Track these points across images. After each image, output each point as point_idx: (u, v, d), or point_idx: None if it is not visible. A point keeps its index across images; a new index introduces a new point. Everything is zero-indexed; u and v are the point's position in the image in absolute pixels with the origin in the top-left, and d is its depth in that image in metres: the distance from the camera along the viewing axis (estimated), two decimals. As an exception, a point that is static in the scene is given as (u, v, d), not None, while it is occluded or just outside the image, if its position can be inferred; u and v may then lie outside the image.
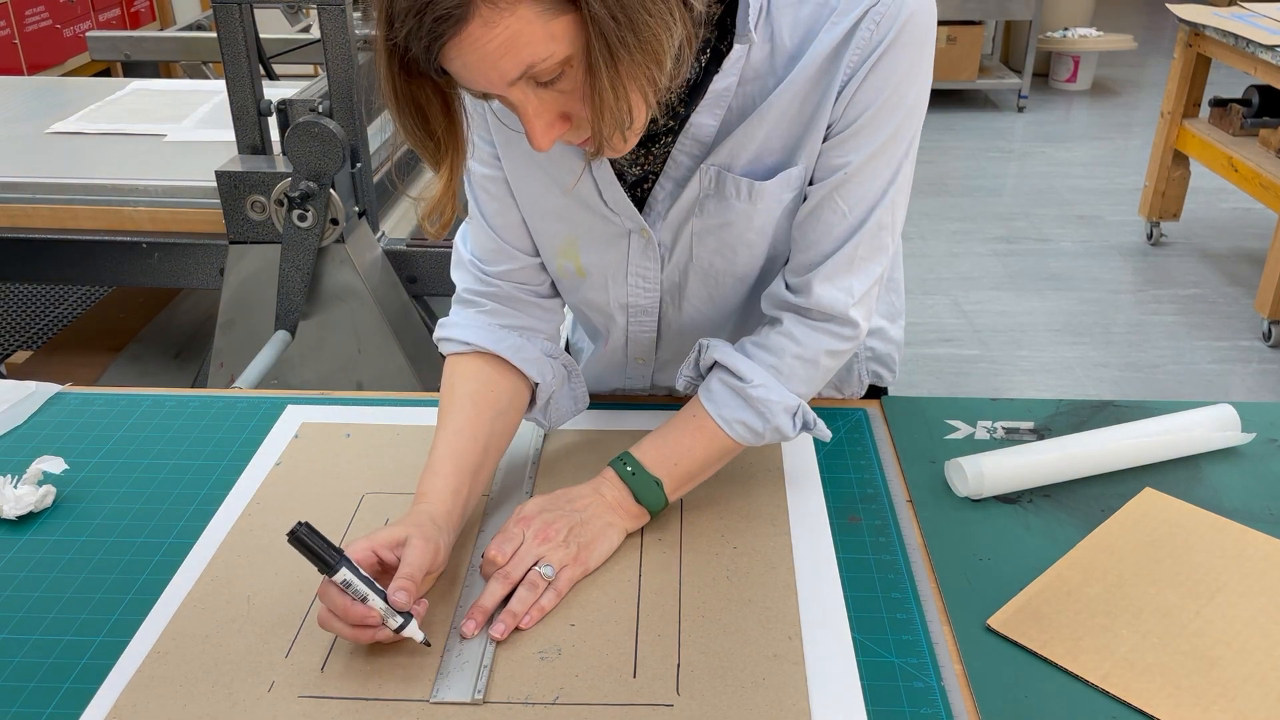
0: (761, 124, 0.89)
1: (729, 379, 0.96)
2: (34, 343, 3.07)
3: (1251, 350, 3.20)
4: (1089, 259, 3.82)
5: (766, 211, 0.94)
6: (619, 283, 1.03)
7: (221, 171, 1.76)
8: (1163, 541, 0.95)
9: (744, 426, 0.96)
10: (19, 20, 4.16)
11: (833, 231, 0.93)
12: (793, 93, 0.87)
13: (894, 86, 0.86)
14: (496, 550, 0.90)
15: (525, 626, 0.87)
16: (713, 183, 0.92)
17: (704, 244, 0.97)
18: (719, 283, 1.01)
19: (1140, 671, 0.81)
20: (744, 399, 0.95)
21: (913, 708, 0.79)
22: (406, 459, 1.09)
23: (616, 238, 0.99)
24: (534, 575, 0.89)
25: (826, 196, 0.91)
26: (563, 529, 0.92)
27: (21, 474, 1.04)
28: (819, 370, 0.97)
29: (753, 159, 0.91)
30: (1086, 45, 5.67)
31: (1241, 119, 3.47)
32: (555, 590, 0.90)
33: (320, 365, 1.87)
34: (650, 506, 0.97)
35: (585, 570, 0.92)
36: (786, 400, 0.95)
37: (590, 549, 0.93)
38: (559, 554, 0.91)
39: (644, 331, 1.08)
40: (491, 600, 0.88)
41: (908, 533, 0.98)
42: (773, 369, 0.96)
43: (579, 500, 0.96)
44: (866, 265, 0.94)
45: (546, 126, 0.78)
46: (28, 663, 0.84)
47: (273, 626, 0.87)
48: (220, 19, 1.71)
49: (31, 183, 1.95)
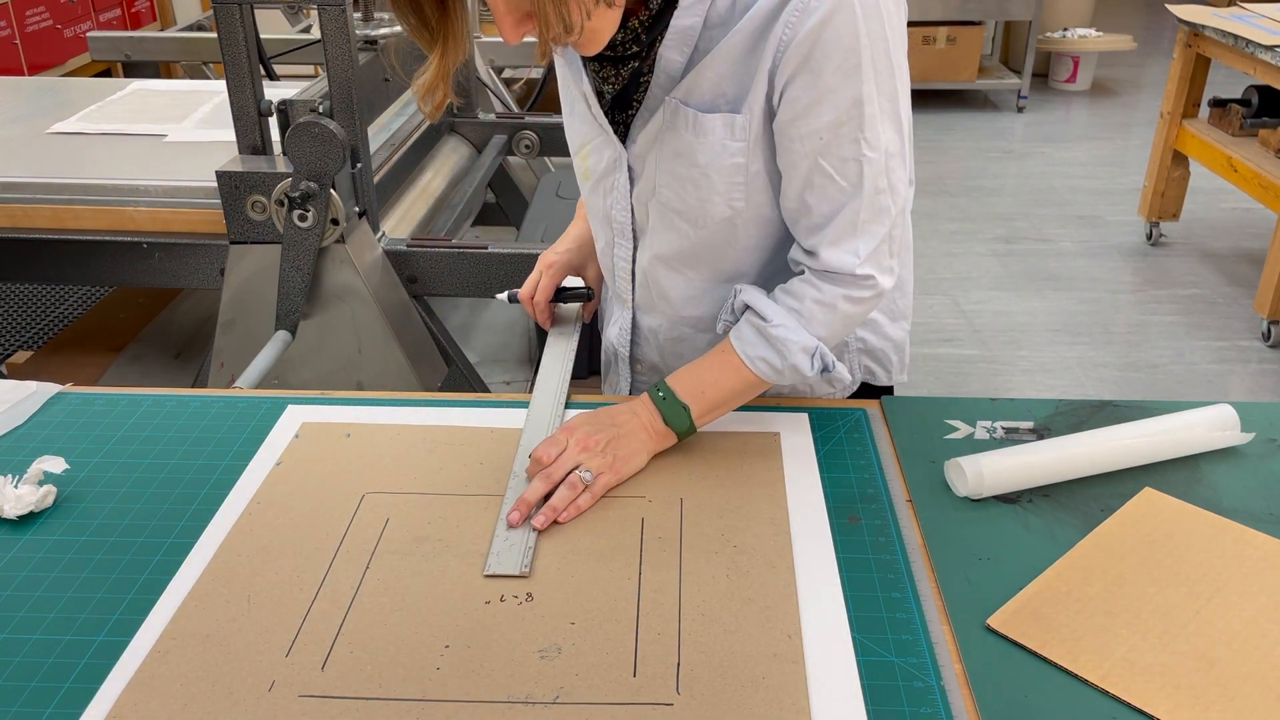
0: (713, 65, 0.98)
1: (753, 318, 1.06)
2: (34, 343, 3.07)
3: (1251, 350, 3.20)
4: (1089, 259, 3.82)
5: (710, 149, 1.01)
6: (607, 191, 1.14)
7: (222, 172, 1.76)
8: (1162, 541, 0.95)
9: (765, 363, 1.05)
10: (19, 20, 4.16)
11: (827, 194, 1.00)
12: (738, 40, 0.96)
13: (844, 51, 0.92)
14: (543, 451, 1.03)
15: (563, 520, 0.99)
16: (671, 115, 1.02)
17: (661, 174, 1.06)
18: (672, 224, 1.09)
19: (1140, 671, 0.81)
20: (765, 337, 1.04)
21: (912, 707, 0.79)
22: (406, 459, 1.09)
23: (611, 149, 1.10)
24: (574, 477, 1.01)
25: (813, 165, 0.99)
26: (602, 440, 1.04)
27: (22, 474, 1.04)
28: (838, 315, 1.04)
29: (707, 99, 1.00)
30: (1086, 45, 5.67)
31: (1241, 119, 3.47)
32: (591, 493, 1.01)
33: (320, 365, 1.87)
34: (676, 429, 1.07)
35: (619, 479, 1.04)
36: (804, 341, 1.04)
37: (625, 461, 1.04)
38: (597, 461, 1.02)
39: (623, 259, 1.18)
40: (534, 495, 1.00)
41: (908, 533, 0.98)
42: (794, 311, 1.04)
43: (618, 417, 1.07)
44: (870, 227, 1.01)
45: (514, 24, 0.89)
46: (28, 663, 0.85)
47: (273, 626, 0.87)
48: (220, 19, 1.71)
49: (32, 183, 1.95)
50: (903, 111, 0.99)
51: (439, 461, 1.09)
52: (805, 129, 0.97)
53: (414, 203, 2.23)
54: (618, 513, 1.01)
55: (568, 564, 0.94)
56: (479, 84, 2.62)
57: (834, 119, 0.95)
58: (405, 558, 0.95)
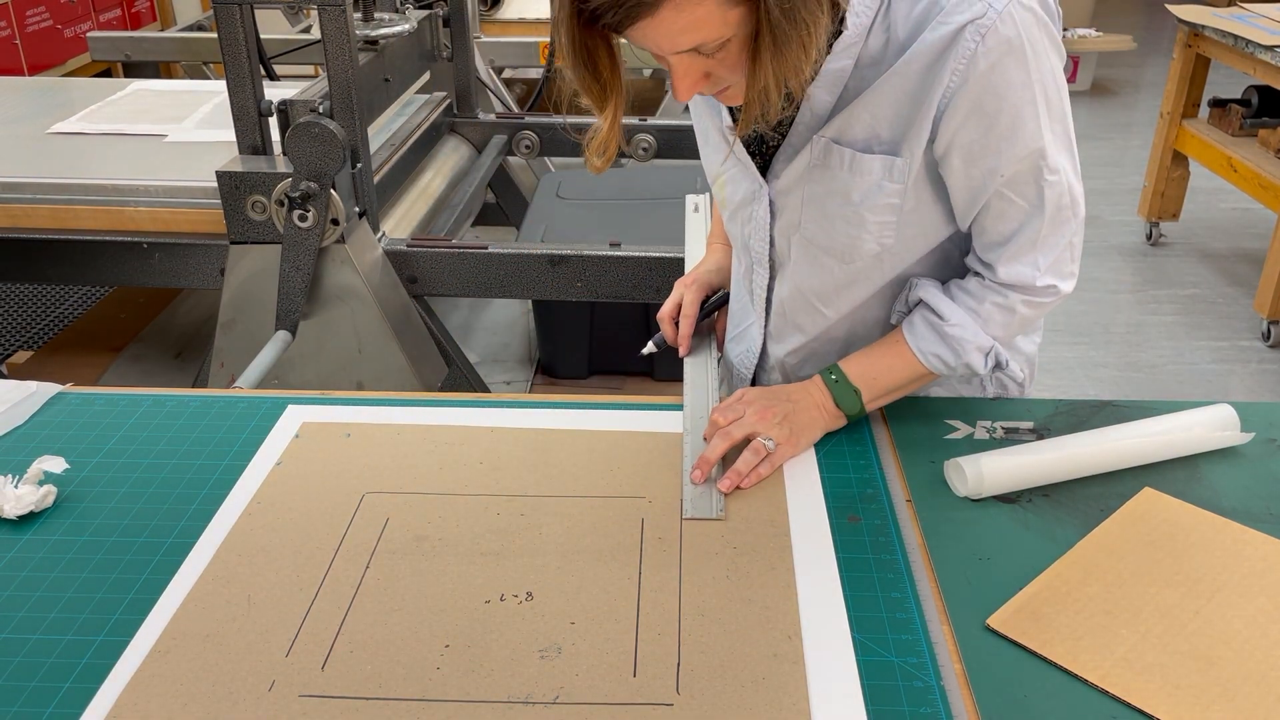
0: (867, 105, 0.98)
1: (929, 315, 1.07)
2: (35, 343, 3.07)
3: (1251, 350, 3.20)
4: (1089, 259, 3.82)
5: (865, 189, 1.01)
6: (745, 220, 1.14)
7: (222, 172, 1.76)
8: (1162, 541, 0.95)
9: (938, 359, 1.07)
10: (20, 20, 4.16)
11: (1008, 216, 1.00)
12: (897, 82, 0.95)
13: (1018, 92, 0.92)
14: (721, 414, 1.07)
15: (746, 486, 1.03)
16: (822, 153, 1.02)
17: (808, 211, 1.06)
18: (818, 259, 1.10)
19: (1139, 671, 0.81)
20: (940, 335, 1.06)
21: (912, 707, 0.79)
22: (406, 459, 1.09)
23: (749, 182, 1.10)
24: (758, 444, 1.04)
25: (995, 194, 0.99)
26: (780, 412, 1.07)
27: (22, 474, 1.04)
28: (1016, 317, 1.05)
29: (860, 139, 1.00)
30: (1086, 45, 5.67)
31: (1241, 119, 3.47)
32: (770, 462, 1.04)
33: (320, 365, 1.87)
34: (847, 411, 1.10)
35: (796, 451, 1.07)
36: (980, 340, 1.05)
37: (802, 433, 1.08)
38: (777, 431, 1.05)
39: (760, 286, 1.18)
40: (714, 453, 1.04)
41: (907, 533, 0.98)
42: (971, 311, 1.05)
43: (794, 394, 1.10)
44: (1050, 240, 1.01)
45: (692, 84, 0.91)
46: (28, 662, 0.85)
47: (273, 626, 0.87)
48: (221, 19, 1.71)
49: (32, 183, 1.95)
50: (1071, 126, 0.99)
51: (439, 461, 1.09)
52: (984, 167, 0.97)
53: (414, 203, 2.24)
54: (618, 513, 1.01)
55: (568, 564, 0.94)
56: (479, 84, 2.62)
57: (1013, 157, 0.95)
58: (405, 558, 0.95)
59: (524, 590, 0.91)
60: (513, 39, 3.29)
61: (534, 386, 2.57)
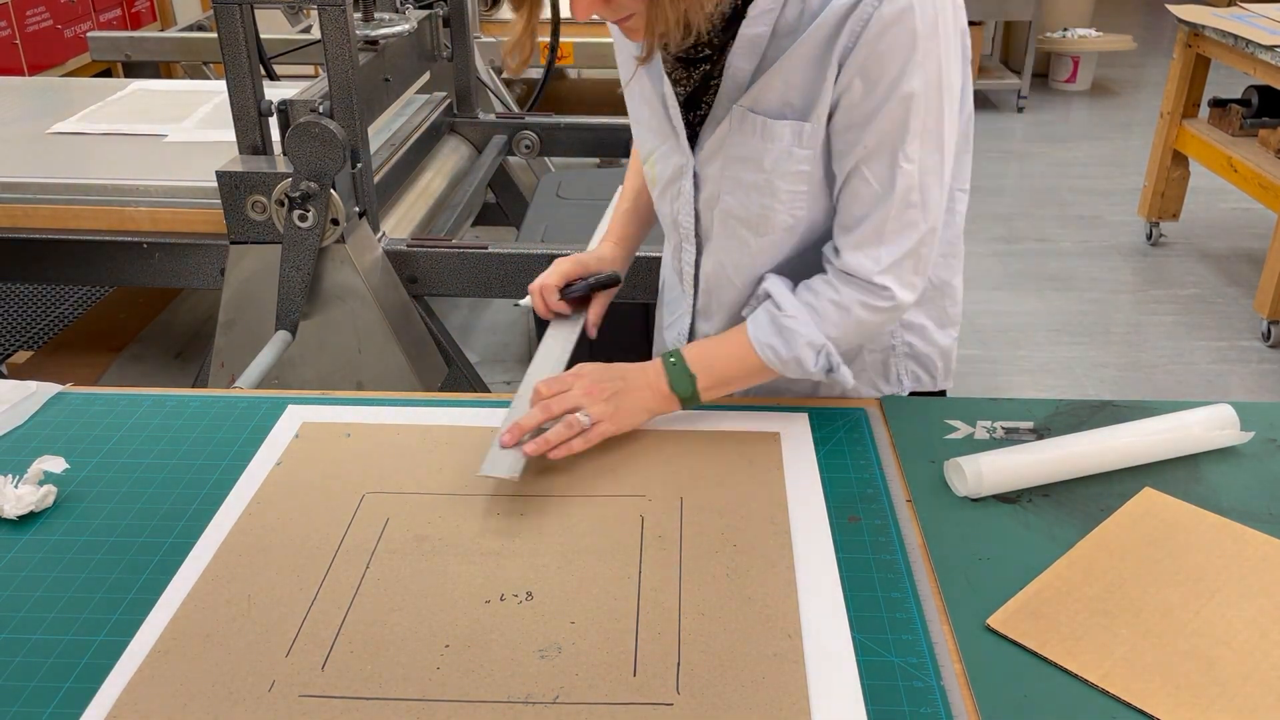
0: (780, 73, 0.99)
1: (770, 306, 1.08)
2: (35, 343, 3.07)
3: (1250, 350, 3.20)
4: (1089, 259, 3.82)
5: (776, 156, 1.02)
6: (674, 197, 1.15)
7: (222, 172, 1.76)
8: (1162, 541, 0.95)
9: (770, 350, 1.07)
10: (20, 20, 4.16)
11: (861, 196, 1.01)
12: (805, 50, 0.97)
13: (898, 68, 0.94)
14: (545, 385, 1.07)
15: (553, 457, 1.03)
16: (739, 121, 1.03)
17: (726, 182, 1.07)
18: (735, 233, 1.10)
19: (1139, 671, 0.81)
20: (777, 326, 1.07)
21: (912, 707, 0.79)
22: (406, 459, 1.09)
23: (678, 156, 1.11)
24: (572, 418, 1.04)
25: (854, 168, 1.01)
26: (607, 389, 1.07)
27: (22, 474, 1.04)
28: (852, 319, 1.05)
29: (775, 106, 1.01)
30: (1086, 45, 5.67)
31: (1241, 119, 3.47)
32: (586, 438, 1.04)
33: (320, 365, 1.87)
34: (680, 395, 1.10)
35: (617, 429, 1.07)
36: (812, 336, 1.05)
37: (626, 414, 1.08)
38: (599, 407, 1.05)
39: (688, 264, 1.18)
40: (530, 421, 1.04)
41: (907, 533, 0.98)
42: (809, 306, 1.06)
43: (628, 373, 1.10)
44: (896, 238, 1.02)
45: (589, 2, 0.90)
46: (28, 663, 0.85)
47: (273, 626, 0.87)
48: (220, 19, 1.71)
49: (32, 183, 1.95)
50: (948, 134, 1.00)
51: (439, 461, 1.09)
52: (854, 137, 0.99)
53: (414, 203, 2.24)
54: (618, 512, 1.01)
55: (568, 563, 0.94)
56: (479, 84, 2.62)
57: (879, 129, 0.97)
58: (405, 558, 0.95)
59: (524, 590, 0.91)
60: (513, 39, 3.29)
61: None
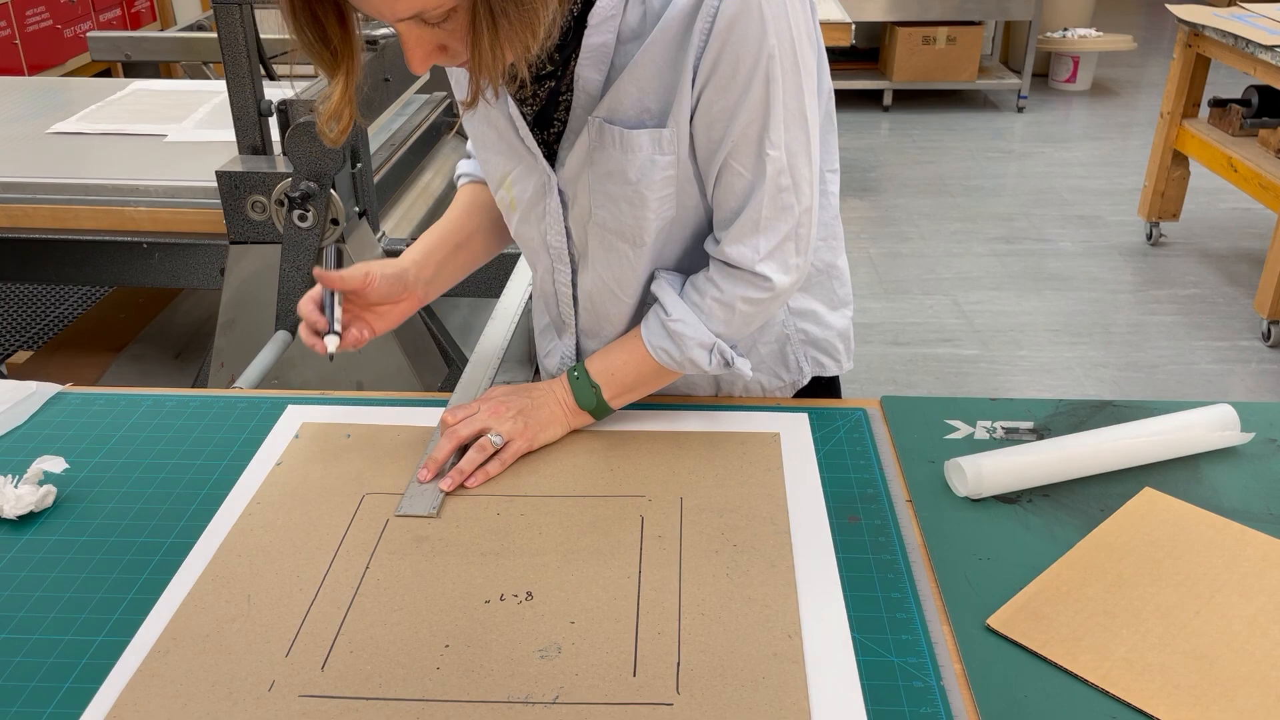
0: (633, 79, 0.96)
1: (658, 309, 1.08)
2: (34, 343, 3.07)
3: (1251, 350, 3.20)
4: (1089, 259, 3.82)
5: (640, 166, 1.00)
6: (539, 218, 1.11)
7: (222, 172, 1.76)
8: (1162, 541, 0.95)
9: (664, 353, 1.07)
10: (19, 20, 4.16)
11: (734, 189, 1.01)
12: (655, 52, 0.94)
13: (752, 55, 0.92)
14: (449, 413, 1.07)
15: (470, 485, 1.02)
16: (598, 134, 1.00)
17: (596, 196, 1.04)
18: (613, 246, 1.08)
19: (1140, 671, 0.81)
20: (665, 329, 1.07)
21: (912, 707, 0.79)
22: (407, 459, 1.09)
23: (537, 175, 1.08)
24: (483, 440, 1.04)
25: (724, 162, 0.99)
26: (515, 407, 1.07)
27: (22, 474, 1.04)
28: (736, 314, 1.05)
29: (632, 115, 0.98)
30: (1086, 45, 5.67)
31: (1241, 119, 3.47)
32: (501, 459, 1.04)
33: (320, 365, 1.87)
34: (587, 407, 1.10)
35: (531, 445, 1.07)
36: (701, 336, 1.06)
37: (539, 428, 1.07)
38: (508, 425, 1.05)
39: (564, 284, 1.15)
40: (441, 453, 1.04)
41: (908, 533, 0.98)
42: (695, 306, 1.06)
43: (534, 391, 1.10)
44: (772, 224, 1.01)
45: (425, 55, 0.88)
46: (28, 663, 0.85)
47: (273, 626, 0.87)
48: (220, 19, 1.71)
49: (32, 183, 1.95)
50: (810, 111, 0.98)
51: (439, 461, 1.09)
52: (718, 133, 0.97)
53: (414, 203, 2.24)
54: (617, 512, 1.01)
55: (568, 563, 0.94)
56: (479, 84, 2.62)
57: (743, 121, 0.96)
58: (405, 558, 0.95)
59: (524, 590, 0.91)
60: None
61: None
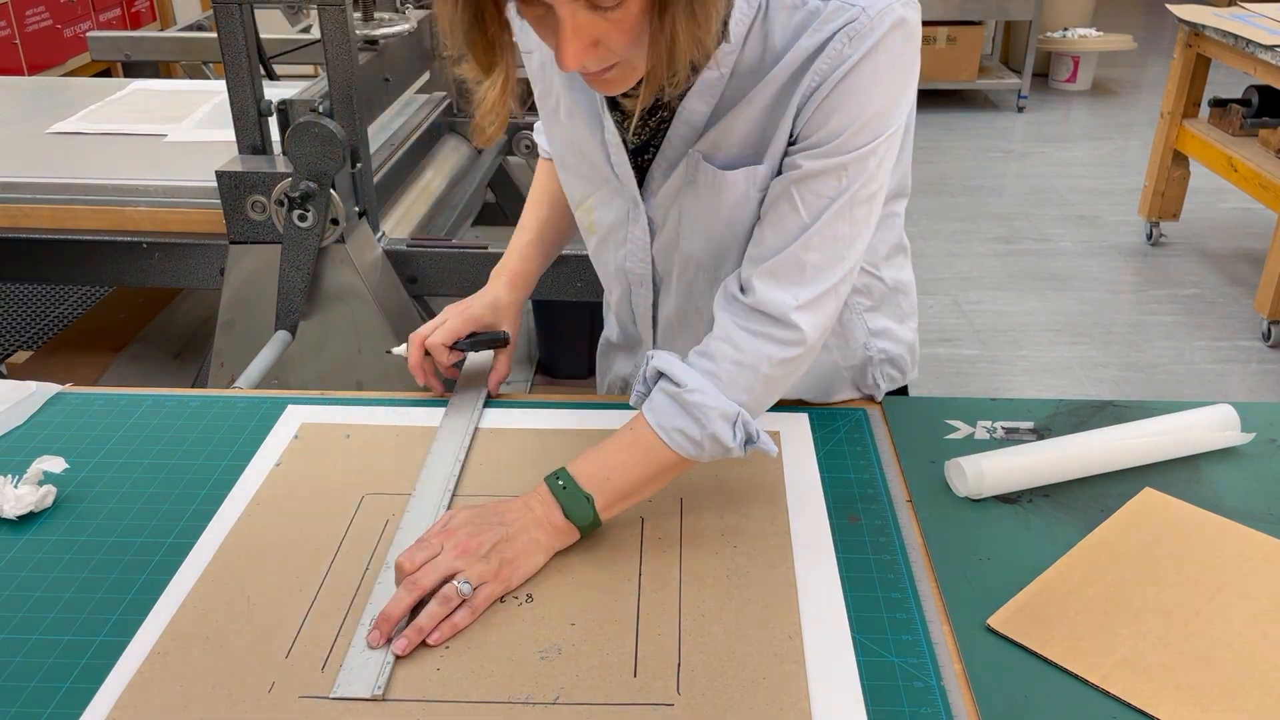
0: (741, 116, 0.93)
1: (667, 385, 0.94)
2: (34, 343, 3.07)
3: (1251, 350, 3.20)
4: (1089, 259, 3.82)
5: (733, 205, 0.97)
6: (620, 243, 1.09)
7: (222, 171, 1.76)
8: (1163, 541, 0.95)
9: (681, 435, 0.93)
10: (19, 20, 4.16)
11: (784, 224, 0.93)
12: (768, 92, 0.92)
13: (856, 101, 0.89)
14: (406, 559, 0.88)
15: (433, 643, 0.84)
16: (694, 169, 0.97)
17: (684, 228, 1.02)
18: (698, 275, 1.06)
19: (1140, 671, 0.81)
20: (680, 405, 0.93)
21: (913, 708, 0.79)
22: (406, 459, 1.09)
23: (621, 202, 1.05)
24: (449, 589, 0.86)
25: (783, 191, 0.93)
26: (486, 543, 0.89)
27: (22, 474, 1.04)
28: (760, 378, 0.93)
29: (734, 152, 0.95)
30: (1086, 45, 5.67)
31: (1241, 119, 3.47)
32: (471, 608, 0.86)
33: (320, 365, 1.87)
34: (578, 523, 0.93)
35: (506, 588, 0.89)
36: (724, 407, 0.92)
37: (513, 565, 0.90)
38: (479, 568, 0.87)
39: (643, 306, 1.13)
40: (397, 609, 0.84)
41: (908, 533, 0.98)
42: (710, 375, 0.93)
43: (508, 514, 0.92)
44: (819, 274, 0.93)
45: (580, 48, 0.81)
46: (28, 663, 0.84)
47: (273, 626, 0.87)
48: (220, 19, 1.71)
49: (32, 183, 1.95)
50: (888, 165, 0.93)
51: (439, 461, 1.09)
52: (795, 160, 0.92)
53: (414, 203, 2.23)
54: (617, 513, 1.01)
55: (568, 564, 0.94)
56: (479, 84, 2.62)
57: (822, 163, 0.91)
58: (405, 558, 0.95)
59: (524, 591, 0.91)
60: (512, 39, 3.29)
61: (534, 386, 2.56)
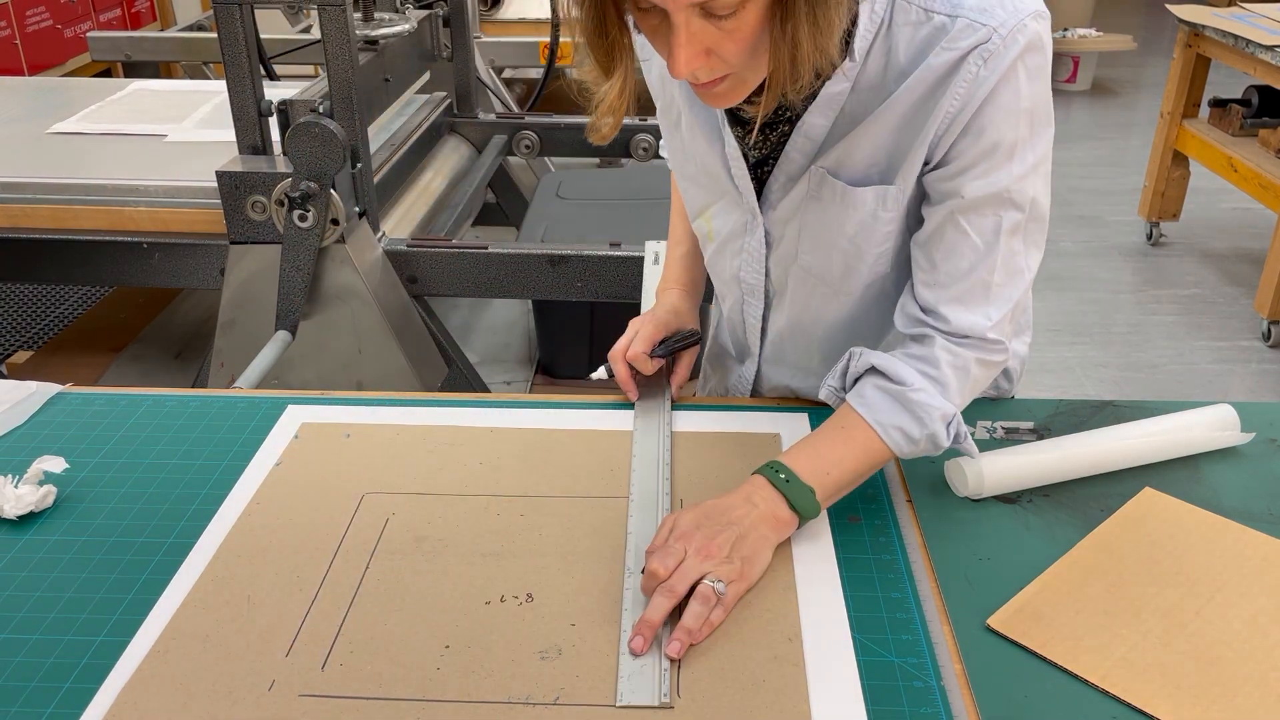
0: (867, 134, 0.94)
1: (886, 384, 0.97)
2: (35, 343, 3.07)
3: (1251, 350, 3.20)
4: (1089, 259, 3.82)
5: (859, 222, 0.98)
6: (736, 254, 1.11)
7: (222, 172, 1.76)
8: (1162, 541, 0.95)
9: (900, 433, 0.96)
10: (20, 20, 4.16)
11: (959, 251, 0.95)
12: (897, 110, 0.92)
13: (1006, 120, 0.89)
14: (659, 564, 0.88)
15: (698, 641, 0.85)
16: (818, 184, 0.98)
17: (804, 242, 1.03)
18: (814, 290, 1.07)
19: (1140, 671, 0.81)
20: (902, 403, 0.96)
21: (913, 708, 0.79)
22: (406, 459, 1.09)
23: (740, 213, 1.07)
24: (706, 589, 0.87)
25: (948, 218, 0.94)
26: (725, 544, 0.90)
27: (22, 474, 1.04)
28: (969, 379, 0.97)
29: (860, 170, 0.96)
30: (1086, 45, 5.67)
31: (1241, 119, 3.47)
32: (724, 606, 0.88)
33: (320, 365, 1.87)
34: (805, 514, 0.95)
35: (749, 585, 0.91)
36: (944, 407, 0.96)
37: (752, 563, 0.91)
38: (725, 569, 0.89)
39: (753, 317, 1.15)
40: (658, 614, 0.86)
41: (908, 533, 0.98)
42: (929, 376, 0.96)
43: (733, 512, 0.93)
44: (1004, 291, 0.96)
45: (693, 55, 0.82)
46: (28, 663, 0.85)
47: (273, 626, 0.87)
48: (220, 19, 1.71)
49: (32, 183, 1.95)
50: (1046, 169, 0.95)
51: (439, 461, 1.09)
52: (952, 186, 0.93)
53: (414, 203, 2.23)
54: (618, 513, 1.01)
55: (568, 565, 0.94)
56: (479, 84, 2.62)
57: (985, 182, 0.91)
58: (405, 558, 0.95)
59: (524, 591, 0.91)
60: (513, 39, 3.30)
61: (534, 386, 2.57)
